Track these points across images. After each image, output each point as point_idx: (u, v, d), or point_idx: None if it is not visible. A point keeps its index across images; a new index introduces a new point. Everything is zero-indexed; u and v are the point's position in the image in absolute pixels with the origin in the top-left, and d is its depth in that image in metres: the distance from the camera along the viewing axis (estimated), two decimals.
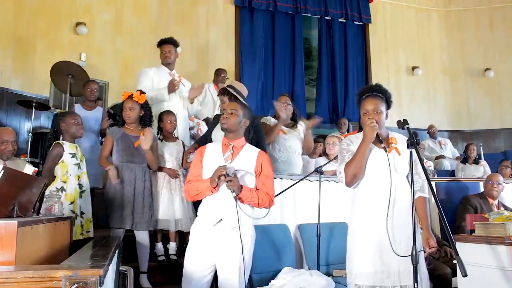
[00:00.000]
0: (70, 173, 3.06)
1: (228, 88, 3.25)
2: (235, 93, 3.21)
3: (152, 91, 3.93)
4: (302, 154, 4.03)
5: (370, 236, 2.23)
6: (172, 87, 3.97)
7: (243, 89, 3.31)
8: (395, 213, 2.21)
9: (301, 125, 3.95)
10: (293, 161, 3.88)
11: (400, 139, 2.36)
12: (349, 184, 2.31)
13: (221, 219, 2.33)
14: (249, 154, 2.45)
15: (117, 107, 3.82)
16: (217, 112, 5.02)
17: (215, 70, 5.75)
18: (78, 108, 4.37)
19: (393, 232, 2.17)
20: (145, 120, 3.32)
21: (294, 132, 3.89)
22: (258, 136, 3.32)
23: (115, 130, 3.26)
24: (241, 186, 2.31)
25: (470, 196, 4.08)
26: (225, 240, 2.32)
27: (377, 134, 2.25)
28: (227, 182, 2.28)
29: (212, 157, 2.46)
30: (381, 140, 2.29)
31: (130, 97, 3.26)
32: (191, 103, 4.22)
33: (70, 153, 3.10)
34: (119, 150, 3.20)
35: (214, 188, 2.32)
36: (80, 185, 3.11)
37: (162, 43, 4.15)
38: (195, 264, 2.35)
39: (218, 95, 3.49)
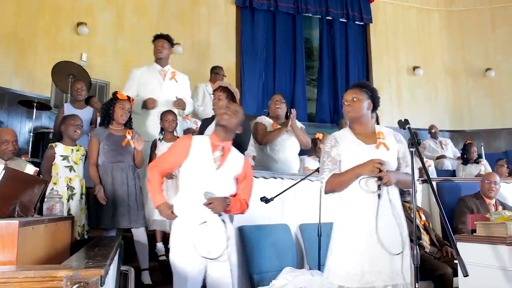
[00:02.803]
0: (60, 175, 3.11)
1: (230, 88, 3.25)
2: (234, 93, 3.21)
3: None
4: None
5: (358, 235, 2.13)
6: (148, 105, 3.88)
7: (237, 94, 3.32)
8: (385, 211, 2.13)
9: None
10: (292, 159, 3.86)
11: (387, 133, 2.28)
12: (327, 194, 2.26)
13: (205, 221, 2.30)
14: (236, 159, 2.47)
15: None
16: None
17: (212, 68, 5.63)
18: (68, 107, 4.32)
19: (383, 231, 2.10)
20: (129, 122, 3.35)
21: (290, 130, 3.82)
22: (245, 137, 3.32)
23: (100, 131, 3.26)
24: (228, 201, 2.36)
25: (466, 198, 3.95)
26: (213, 240, 2.30)
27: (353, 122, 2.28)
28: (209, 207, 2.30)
29: (201, 151, 2.38)
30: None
31: (128, 99, 3.31)
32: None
33: (61, 156, 3.15)
34: (108, 151, 3.21)
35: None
36: (71, 188, 3.12)
37: (156, 38, 4.12)
38: (187, 263, 2.28)
39: (214, 90, 3.44)
